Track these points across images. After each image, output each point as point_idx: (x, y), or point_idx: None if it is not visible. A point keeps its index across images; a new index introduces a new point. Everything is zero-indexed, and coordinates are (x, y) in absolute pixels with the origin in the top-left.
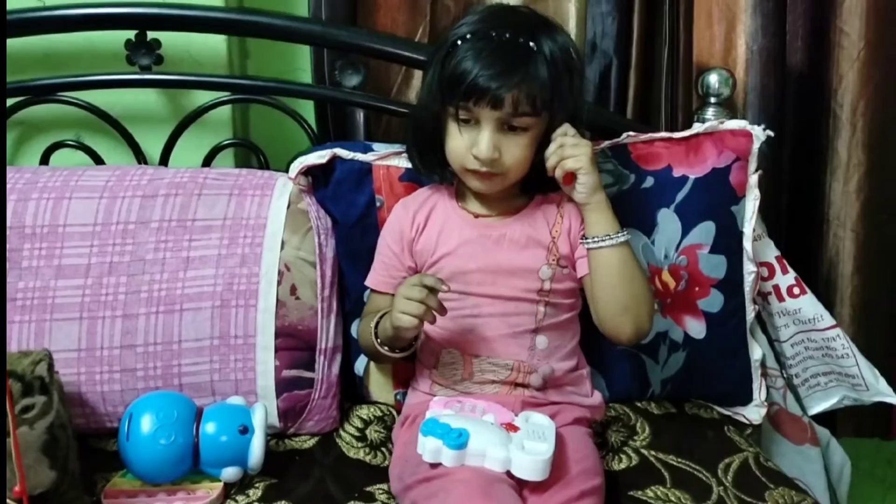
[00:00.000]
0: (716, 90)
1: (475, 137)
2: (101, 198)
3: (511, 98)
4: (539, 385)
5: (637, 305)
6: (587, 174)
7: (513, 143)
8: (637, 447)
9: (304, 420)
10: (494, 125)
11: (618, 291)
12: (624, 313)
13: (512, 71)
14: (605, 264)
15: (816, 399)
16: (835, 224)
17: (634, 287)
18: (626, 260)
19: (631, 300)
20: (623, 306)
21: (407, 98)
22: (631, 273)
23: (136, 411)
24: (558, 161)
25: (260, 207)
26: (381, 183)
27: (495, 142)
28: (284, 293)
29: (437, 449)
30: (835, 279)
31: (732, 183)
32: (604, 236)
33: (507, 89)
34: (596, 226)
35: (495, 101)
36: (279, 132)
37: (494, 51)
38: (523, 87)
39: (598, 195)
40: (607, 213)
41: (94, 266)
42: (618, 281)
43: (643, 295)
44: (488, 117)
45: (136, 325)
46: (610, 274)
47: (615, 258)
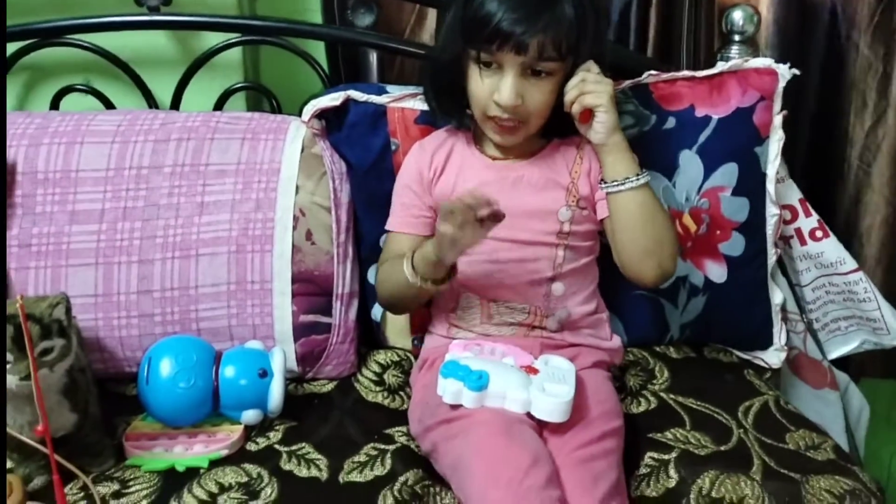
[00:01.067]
0: (740, 27)
1: (497, 83)
2: (114, 142)
3: (536, 43)
4: (555, 328)
5: (660, 248)
6: (606, 112)
7: (536, 88)
8: (656, 391)
9: (322, 364)
10: (518, 70)
11: (639, 235)
12: (647, 257)
13: (537, 14)
14: (625, 208)
15: (836, 343)
16: (856, 164)
17: (656, 230)
18: (647, 202)
19: (653, 244)
20: (645, 250)
21: (420, 39)
22: (652, 216)
23: (154, 355)
24: (577, 95)
25: (273, 152)
26: (397, 126)
27: (518, 87)
28: (300, 238)
29: (457, 391)
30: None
31: (756, 123)
32: (623, 179)
33: (531, 34)
34: (613, 168)
35: (519, 47)
36: (290, 75)
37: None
38: (549, 31)
39: (615, 136)
40: (626, 155)
41: (109, 211)
42: (639, 225)
43: (666, 237)
44: (512, 62)
45: (152, 271)
46: (630, 218)
47: (635, 202)
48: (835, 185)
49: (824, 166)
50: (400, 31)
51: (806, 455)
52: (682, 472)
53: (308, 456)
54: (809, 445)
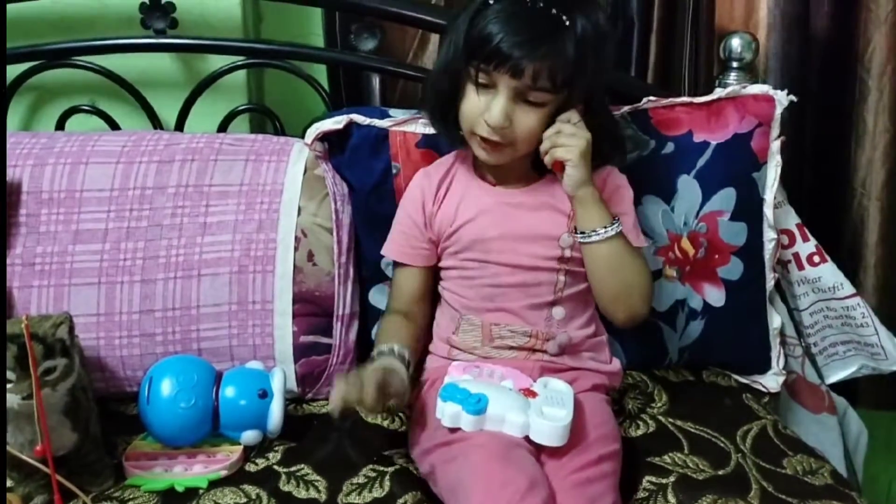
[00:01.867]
0: (738, 54)
1: (489, 102)
2: (118, 163)
3: (532, 69)
4: (555, 352)
5: (629, 294)
6: (574, 167)
7: (525, 115)
8: (654, 414)
9: (322, 385)
10: (510, 93)
11: (608, 282)
12: (616, 301)
13: (538, 42)
14: (595, 257)
15: (834, 368)
16: (859, 192)
17: (625, 277)
18: (615, 252)
19: (622, 289)
20: (614, 295)
21: (422, 63)
22: (619, 265)
23: (156, 375)
24: (550, 147)
25: (276, 173)
26: (398, 149)
27: (508, 110)
28: (301, 259)
29: (456, 414)
30: (859, 247)
31: (754, 149)
32: (590, 231)
33: (529, 60)
34: (583, 220)
35: (515, 70)
36: (294, 97)
37: (524, 18)
38: (546, 61)
39: (583, 189)
40: (594, 208)
41: (112, 231)
42: (607, 272)
43: (636, 283)
44: (506, 85)
45: (154, 290)
46: (600, 266)
47: (603, 252)
48: (838, 212)
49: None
50: (402, 55)
51: (804, 480)
52: (680, 496)
53: (307, 477)
54: (807, 470)
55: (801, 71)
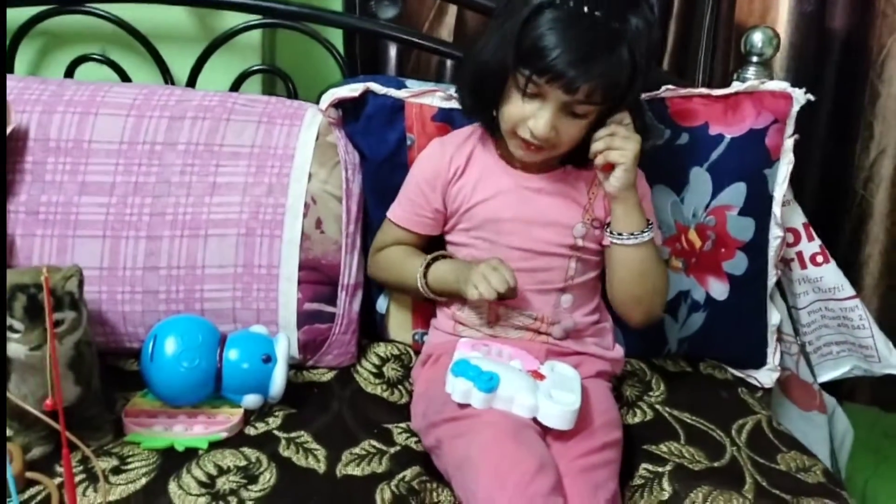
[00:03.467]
0: (759, 49)
1: (535, 111)
2: (129, 115)
3: (588, 87)
4: (560, 336)
5: (651, 299)
6: (627, 171)
7: (571, 124)
8: (652, 403)
9: (324, 353)
10: (558, 105)
11: (633, 286)
12: (637, 304)
13: (595, 59)
14: (624, 259)
15: (827, 367)
16: (860, 193)
17: (651, 282)
18: (646, 258)
19: (645, 294)
20: (637, 298)
21: (439, 34)
22: (648, 270)
23: (160, 333)
24: (605, 149)
25: (288, 137)
26: (414, 121)
27: (554, 122)
28: (309, 226)
29: (467, 390)
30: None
31: (768, 145)
32: (628, 234)
33: (585, 79)
34: (621, 221)
35: (569, 87)
36: (308, 60)
37: (582, 32)
38: (603, 78)
39: (628, 192)
40: (635, 210)
41: (119, 185)
42: (635, 276)
43: (658, 288)
44: (556, 98)
45: (159, 247)
46: (628, 270)
47: (635, 256)
48: (839, 212)
49: (831, 192)
50: (419, 24)
51: (797, 477)
52: (676, 485)
53: (307, 445)
54: (800, 467)
55: (816, 69)
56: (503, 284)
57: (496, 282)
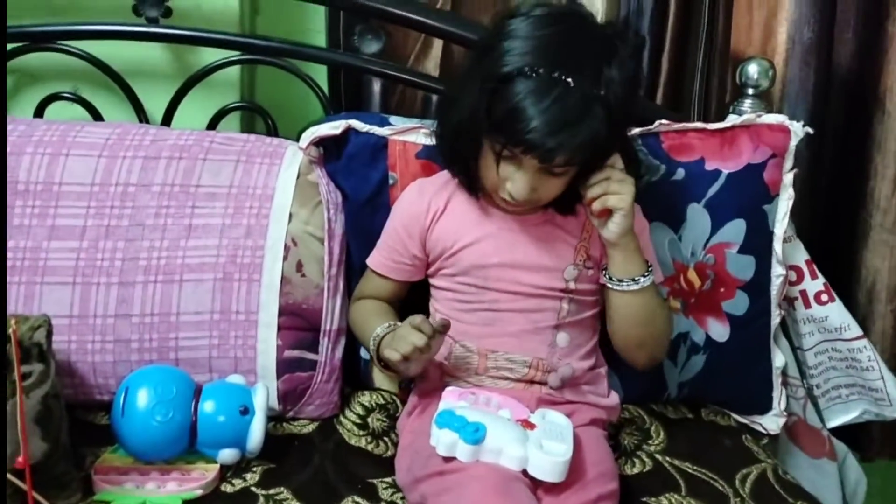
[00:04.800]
0: (754, 81)
1: (512, 173)
2: (101, 156)
3: (563, 157)
4: (557, 385)
5: (654, 342)
6: (625, 216)
7: (552, 183)
8: (651, 452)
9: (305, 404)
10: (535, 169)
11: (635, 331)
12: (640, 349)
13: (571, 129)
14: (625, 306)
15: (836, 412)
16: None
17: (653, 326)
18: (648, 303)
19: (648, 338)
20: (639, 344)
21: (425, 68)
22: (651, 314)
23: (132, 385)
24: (601, 194)
25: (268, 177)
26: (397, 159)
27: (533, 184)
28: (290, 269)
29: (452, 443)
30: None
31: (766, 180)
32: (629, 280)
33: (560, 151)
34: (621, 267)
35: (544, 158)
36: (289, 96)
37: (554, 102)
38: (578, 147)
39: (627, 237)
40: (634, 255)
41: (91, 228)
42: (637, 322)
43: (662, 331)
44: (532, 166)
45: (132, 294)
46: (630, 315)
47: (637, 301)
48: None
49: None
50: (404, 58)
51: None
52: None
53: (286, 502)
54: None
55: (818, 101)
56: (408, 347)
57: (402, 346)
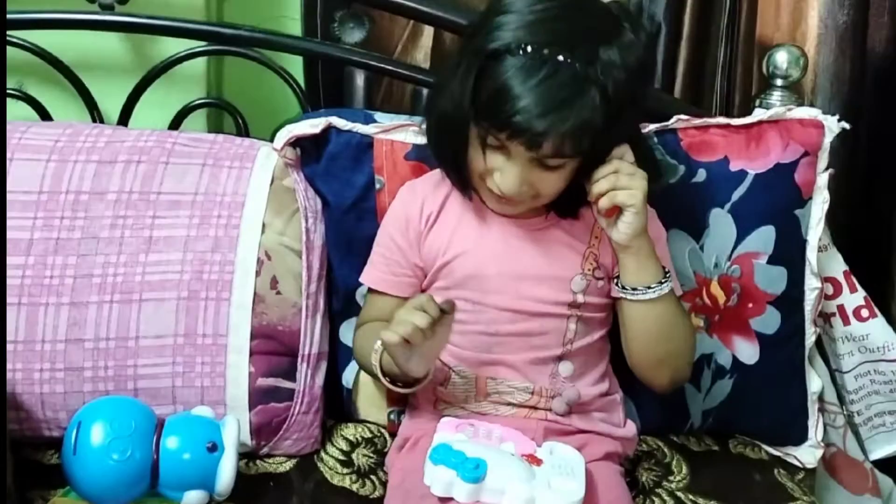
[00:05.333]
0: (783, 71)
1: (500, 164)
2: (49, 161)
3: (552, 143)
4: (563, 411)
5: (675, 358)
6: (637, 213)
7: (547, 177)
8: (672, 489)
9: (281, 438)
10: (525, 161)
11: (654, 347)
12: (660, 367)
13: (560, 111)
14: (641, 318)
15: (880, 442)
16: None
17: (673, 340)
18: (665, 314)
19: (668, 355)
20: (658, 361)
21: (413, 58)
22: (670, 326)
23: (85, 419)
24: (609, 189)
25: (238, 182)
26: (383, 161)
27: (524, 176)
28: (263, 286)
29: (449, 481)
30: None
31: (798, 182)
32: (644, 288)
33: (549, 135)
34: (634, 274)
35: (532, 144)
36: (261, 92)
37: (542, 82)
38: (569, 132)
39: (640, 238)
40: (649, 260)
41: (38, 242)
42: (655, 336)
43: (683, 347)
44: (521, 154)
45: (85, 316)
46: (646, 329)
47: (653, 313)
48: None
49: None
50: (391, 47)
51: None
52: None
53: None
54: None
55: (854, 92)
56: (408, 328)
57: (401, 328)
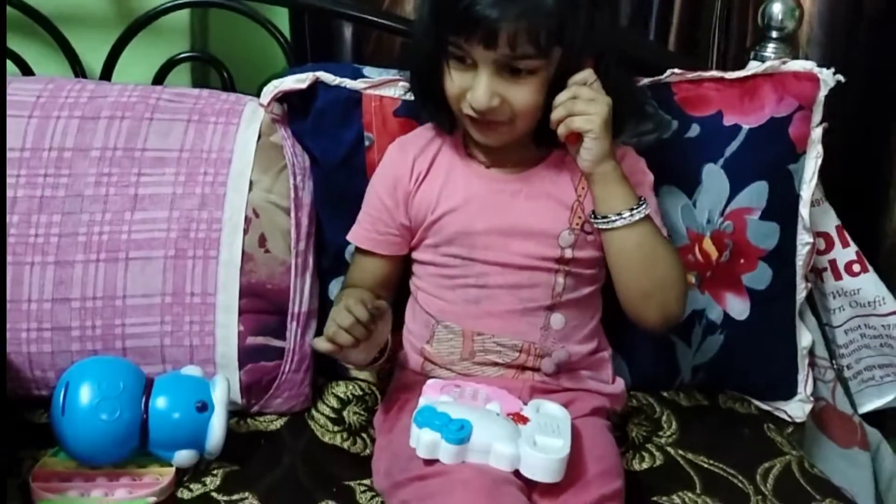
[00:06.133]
0: (778, 22)
1: (470, 80)
2: (31, 117)
3: (507, 35)
4: (551, 371)
5: (662, 290)
6: (596, 139)
7: (517, 88)
8: (662, 444)
9: (271, 397)
10: (493, 68)
11: (636, 276)
12: (647, 299)
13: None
14: (619, 247)
15: (869, 395)
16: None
17: (657, 270)
18: (645, 240)
19: (653, 285)
20: (644, 293)
21: (403, 11)
22: (650, 255)
23: (73, 380)
24: (566, 115)
25: (224, 138)
26: (373, 117)
27: (494, 87)
28: (251, 244)
29: (433, 443)
30: None
31: (792, 136)
32: (615, 216)
33: (502, 22)
34: (604, 202)
35: (488, 39)
36: (246, 45)
37: None
38: (523, 20)
39: (605, 165)
40: (617, 187)
41: (21, 200)
42: (636, 265)
43: (670, 276)
44: (484, 58)
45: (71, 275)
46: (626, 258)
47: (630, 240)
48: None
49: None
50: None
51: None
52: None
53: None
54: None
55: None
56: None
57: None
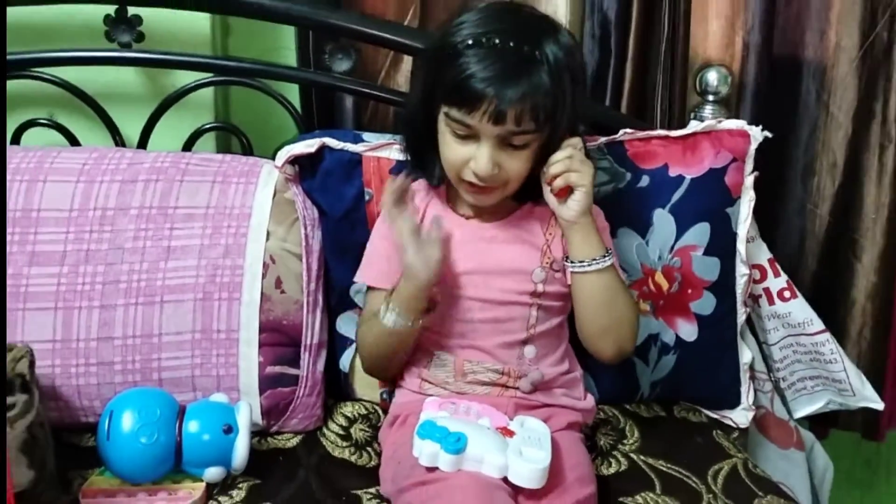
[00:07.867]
0: (714, 88)
1: (473, 151)
2: (78, 182)
3: (514, 113)
4: (528, 389)
5: (619, 328)
6: (586, 193)
7: (513, 158)
8: (626, 451)
9: (288, 418)
10: (494, 141)
11: (599, 315)
12: (606, 335)
13: (515, 83)
14: (587, 288)
15: (802, 403)
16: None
17: (616, 310)
18: (609, 284)
19: (612, 323)
20: (604, 329)
21: (395, 84)
22: (613, 297)
23: (116, 408)
24: (564, 171)
25: (244, 196)
26: (371, 175)
27: (495, 158)
28: (269, 286)
29: (434, 453)
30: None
31: (728, 184)
32: (590, 261)
33: (509, 103)
34: (580, 249)
35: (497, 117)
36: (262, 115)
37: (497, 61)
38: (527, 100)
39: (586, 216)
40: (593, 235)
41: (70, 253)
42: (600, 305)
43: (626, 317)
44: (489, 133)
45: (113, 317)
46: (592, 298)
47: (598, 283)
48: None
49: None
50: (375, 73)
51: None
52: None
53: None
54: None
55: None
56: None
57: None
